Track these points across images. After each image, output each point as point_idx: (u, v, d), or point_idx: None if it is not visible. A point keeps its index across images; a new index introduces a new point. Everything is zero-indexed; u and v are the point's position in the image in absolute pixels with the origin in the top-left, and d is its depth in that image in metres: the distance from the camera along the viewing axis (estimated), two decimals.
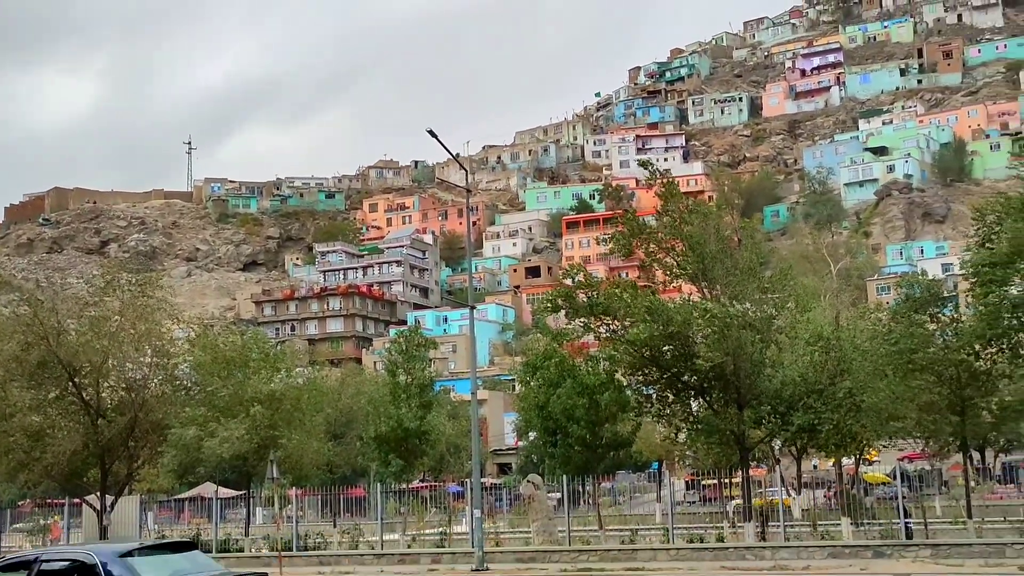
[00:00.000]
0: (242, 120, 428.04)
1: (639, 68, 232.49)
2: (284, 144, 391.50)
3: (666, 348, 33.75)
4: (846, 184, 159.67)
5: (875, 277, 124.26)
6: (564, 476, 37.98)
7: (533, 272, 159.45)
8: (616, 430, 47.01)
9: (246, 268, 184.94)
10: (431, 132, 34.75)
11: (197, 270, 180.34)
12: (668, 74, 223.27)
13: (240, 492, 52.44)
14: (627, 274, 65.26)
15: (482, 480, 38.19)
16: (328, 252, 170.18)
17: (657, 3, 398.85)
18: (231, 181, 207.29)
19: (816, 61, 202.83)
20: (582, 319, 35.44)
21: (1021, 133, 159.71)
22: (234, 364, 42.51)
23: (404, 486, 51.55)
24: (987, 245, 29.89)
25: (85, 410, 38.21)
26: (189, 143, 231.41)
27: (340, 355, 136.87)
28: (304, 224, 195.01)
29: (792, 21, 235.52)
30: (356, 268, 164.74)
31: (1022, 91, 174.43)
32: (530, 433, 53.12)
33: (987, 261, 29.41)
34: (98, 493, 39.32)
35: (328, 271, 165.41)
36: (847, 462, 50.99)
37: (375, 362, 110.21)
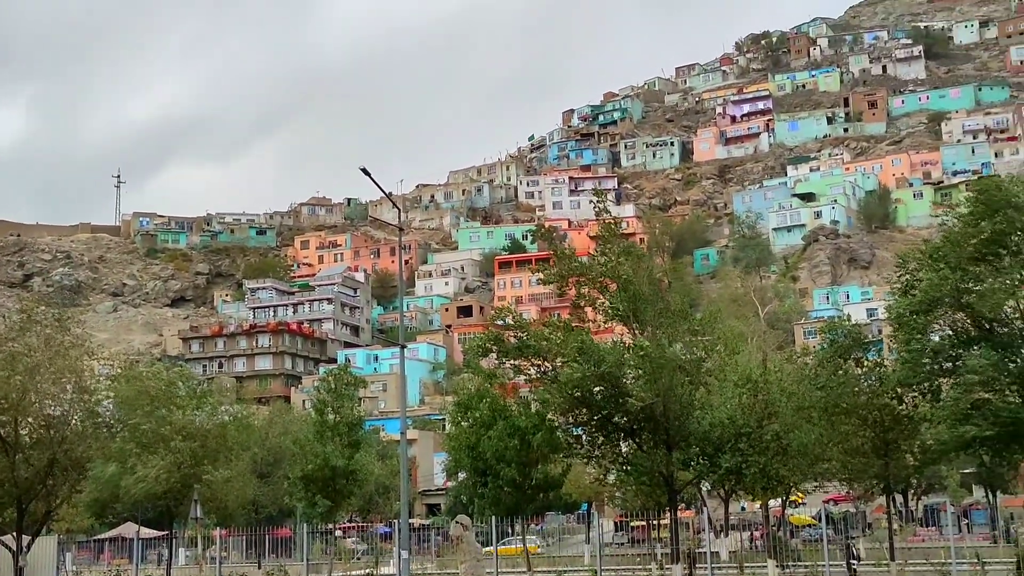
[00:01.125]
0: (173, 155, 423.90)
1: (572, 111, 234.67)
2: (215, 180, 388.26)
3: (597, 389, 33.85)
4: (774, 229, 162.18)
5: (802, 321, 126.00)
6: (493, 517, 37.74)
7: (465, 311, 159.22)
8: (547, 471, 46.88)
9: (174, 304, 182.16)
10: (364, 170, 34.63)
11: (124, 305, 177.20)
12: (601, 117, 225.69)
13: (163, 532, 51.34)
14: (559, 315, 65.42)
15: (411, 521, 37.81)
16: (258, 289, 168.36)
17: (590, 47, 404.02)
18: (160, 216, 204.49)
19: (746, 108, 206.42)
20: (513, 361, 35.43)
21: (943, 182, 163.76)
22: (159, 400, 41.71)
23: (331, 527, 50.86)
24: (909, 293, 30.48)
25: (2, 448, 37.16)
26: (118, 176, 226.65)
27: (268, 393, 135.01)
28: (234, 260, 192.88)
29: (723, 68, 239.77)
30: (286, 305, 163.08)
31: (943, 141, 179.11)
32: (460, 474, 52.78)
33: (908, 309, 29.99)
34: (14, 533, 38.18)
35: (258, 308, 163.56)
36: (774, 504, 51.43)
37: (304, 400, 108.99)
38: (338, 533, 56.02)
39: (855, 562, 33.84)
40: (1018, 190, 29.51)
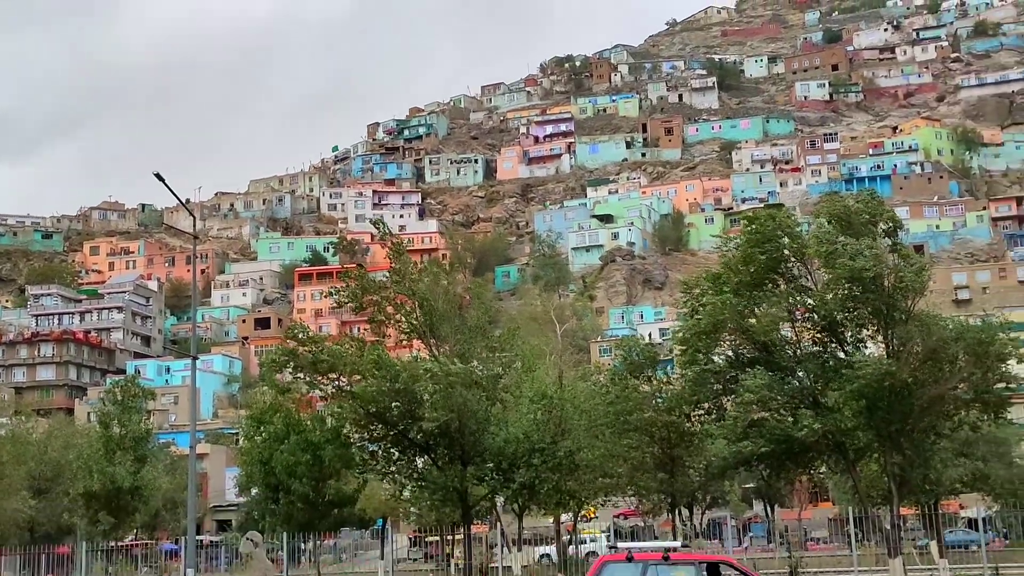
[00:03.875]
0: None
1: (378, 124, 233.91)
2: (2, 181, 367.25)
3: (393, 404, 33.82)
4: (574, 248, 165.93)
5: (598, 339, 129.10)
6: (285, 533, 37.15)
7: (263, 323, 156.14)
8: (340, 487, 46.51)
9: None
10: (158, 175, 33.59)
11: None
12: (406, 132, 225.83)
13: None
14: (359, 329, 65.02)
15: (199, 537, 36.79)
16: (42, 295, 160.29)
17: (397, 62, 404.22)
18: None
19: (549, 129, 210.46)
20: (307, 376, 35.04)
21: (732, 208, 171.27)
22: None
23: (114, 544, 48.98)
24: (694, 316, 31.77)
25: None
26: None
27: (50, 405, 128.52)
28: (16, 264, 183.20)
29: (527, 89, 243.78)
30: (73, 313, 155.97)
31: (734, 170, 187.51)
32: (252, 489, 51.78)
33: (693, 332, 31.27)
34: None
35: (41, 315, 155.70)
36: (567, 518, 52.46)
37: (89, 413, 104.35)
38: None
39: None
40: (790, 221, 31.26)
